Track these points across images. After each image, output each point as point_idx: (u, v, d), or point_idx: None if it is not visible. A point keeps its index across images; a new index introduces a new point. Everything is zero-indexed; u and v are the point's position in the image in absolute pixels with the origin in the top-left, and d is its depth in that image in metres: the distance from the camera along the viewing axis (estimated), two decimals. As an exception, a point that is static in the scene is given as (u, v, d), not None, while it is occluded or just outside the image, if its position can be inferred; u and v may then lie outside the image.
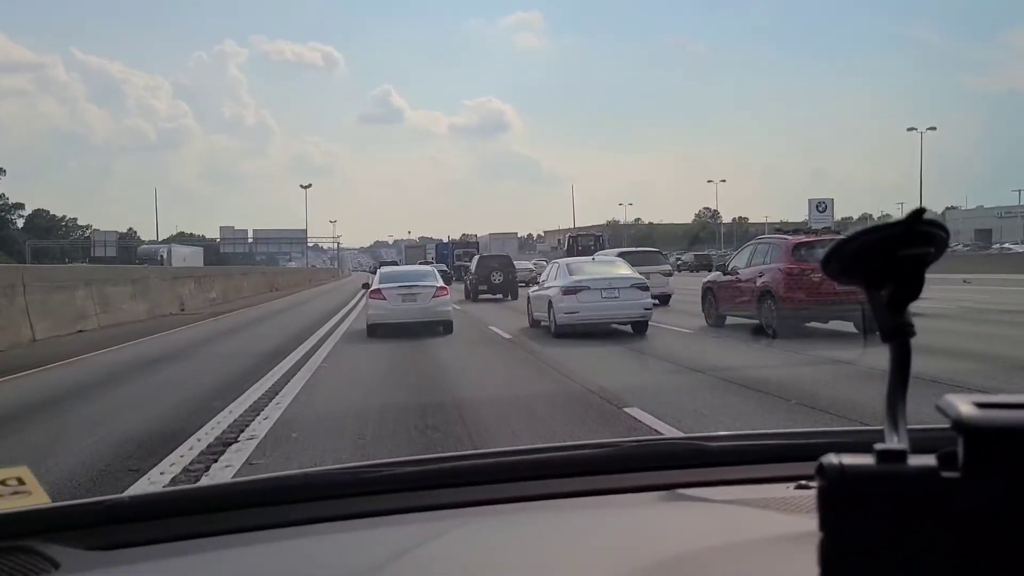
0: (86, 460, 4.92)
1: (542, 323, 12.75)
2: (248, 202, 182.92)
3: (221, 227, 77.32)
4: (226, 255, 74.12)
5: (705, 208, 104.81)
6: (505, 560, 0.88)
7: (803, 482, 0.99)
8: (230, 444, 5.31)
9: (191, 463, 4.82)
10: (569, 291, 11.75)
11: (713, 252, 50.88)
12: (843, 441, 0.89)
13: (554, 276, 12.85)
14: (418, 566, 0.85)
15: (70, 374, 9.54)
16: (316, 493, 1.05)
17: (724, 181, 63.32)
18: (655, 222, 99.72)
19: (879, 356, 0.59)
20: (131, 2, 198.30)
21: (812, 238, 12.25)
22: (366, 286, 15.66)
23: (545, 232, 76.16)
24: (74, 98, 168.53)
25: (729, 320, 13.03)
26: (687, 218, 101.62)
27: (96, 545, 0.92)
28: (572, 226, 67.96)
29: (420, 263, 24.25)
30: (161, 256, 55.47)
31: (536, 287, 14.26)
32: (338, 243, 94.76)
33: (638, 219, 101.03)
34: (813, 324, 11.54)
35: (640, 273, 13.41)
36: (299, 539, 0.94)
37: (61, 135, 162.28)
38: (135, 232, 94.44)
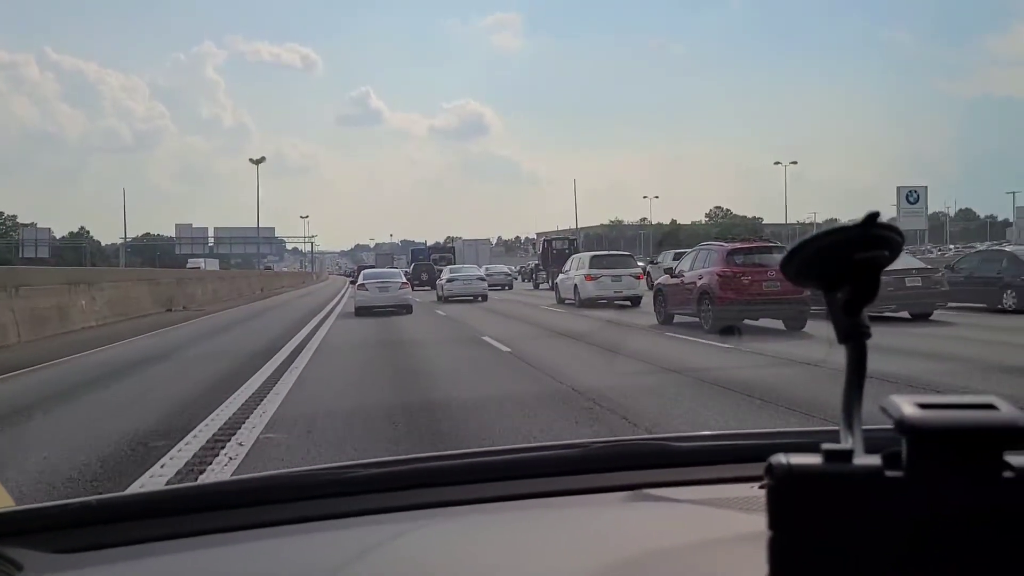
0: None
1: (441, 297, 28.21)
2: (223, 203, 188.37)
3: (177, 224, 74.17)
4: (184, 257, 75.12)
5: (717, 207, 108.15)
6: (471, 560, 0.96)
7: (765, 482, 1.04)
8: None
9: None
10: (449, 281, 28.47)
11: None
12: (804, 441, 0.94)
13: (444, 274, 29.54)
14: (383, 566, 0.94)
15: None
16: (286, 495, 1.14)
17: (795, 163, 64.90)
18: (681, 221, 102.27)
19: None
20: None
21: (746, 245, 14.97)
22: (353, 282, 31.16)
23: (537, 234, 78.54)
24: (46, 97, 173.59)
25: (677, 319, 15.50)
26: (665, 218, 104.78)
27: (62, 548, 0.98)
28: (575, 225, 70.46)
29: (388, 267, 34.03)
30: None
31: (439, 279, 30.29)
32: (312, 243, 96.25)
33: (644, 219, 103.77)
34: (746, 322, 13.96)
35: (613, 275, 22.04)
36: (268, 540, 1.03)
37: (32, 134, 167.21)
38: (87, 231, 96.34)
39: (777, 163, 62.54)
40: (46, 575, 0.93)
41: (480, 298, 27.45)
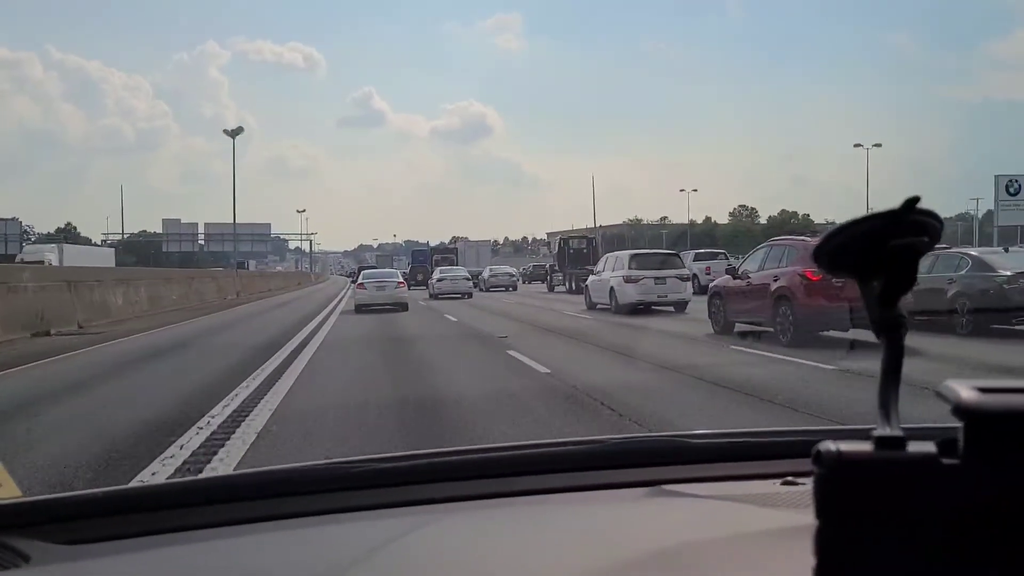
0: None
1: (432, 295, 32.64)
2: (225, 204, 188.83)
3: (164, 220, 71.97)
4: (170, 255, 73.20)
5: (741, 206, 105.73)
6: (486, 555, 0.95)
7: (790, 478, 1.09)
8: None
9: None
10: (439, 280, 33.84)
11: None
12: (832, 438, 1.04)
13: (435, 275, 35.18)
14: (398, 560, 0.93)
15: None
16: (292, 488, 1.15)
17: (879, 145, 60.36)
18: (717, 220, 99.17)
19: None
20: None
21: None
22: (353, 282, 33.55)
23: (548, 234, 76.68)
24: (49, 97, 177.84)
25: (738, 327, 13.46)
26: (671, 218, 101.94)
27: (68, 539, 1.00)
28: (594, 224, 68.60)
29: (388, 268, 36.62)
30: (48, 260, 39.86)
31: (431, 279, 35.84)
32: (311, 240, 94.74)
33: (664, 217, 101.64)
34: (832, 333, 11.82)
35: (657, 277, 19.54)
36: (274, 534, 1.03)
37: (33, 134, 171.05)
38: (74, 228, 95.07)
39: (858, 145, 57.92)
40: (52, 566, 0.94)
41: (466, 295, 32.29)
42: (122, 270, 32.57)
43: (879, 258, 0.59)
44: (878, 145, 60.49)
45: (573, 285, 33.70)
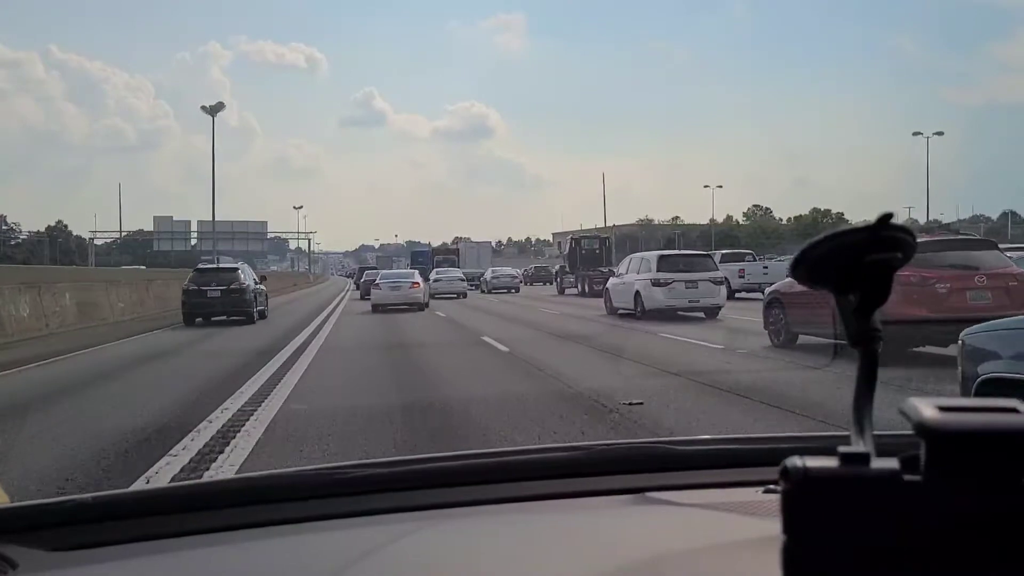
0: None
1: (432, 293, 30.94)
2: (225, 202, 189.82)
3: (155, 217, 69.06)
4: (165, 254, 71.41)
5: (755, 206, 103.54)
6: (472, 562, 0.96)
7: (771, 486, 1.06)
8: None
9: None
10: (435, 280, 35.08)
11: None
12: (811, 446, 0.97)
13: (432, 276, 36.01)
14: (383, 568, 0.94)
15: None
16: (286, 494, 1.15)
17: (941, 133, 56.07)
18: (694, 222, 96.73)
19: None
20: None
21: (936, 238, 10.71)
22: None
23: (554, 234, 74.90)
24: (50, 96, 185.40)
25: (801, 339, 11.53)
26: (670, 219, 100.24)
27: (58, 546, 0.99)
28: (604, 223, 66.87)
29: (387, 268, 38.25)
30: None
31: (430, 280, 34.06)
32: (309, 239, 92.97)
33: (676, 218, 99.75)
34: (926, 348, 9.74)
35: (688, 280, 17.77)
36: (268, 540, 1.03)
37: (34, 133, 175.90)
38: (65, 226, 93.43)
39: (917, 133, 55.38)
40: (41, 573, 0.94)
41: (461, 295, 33.89)
42: (41, 270, 25.39)
43: (855, 272, 0.61)
44: (940, 133, 57.88)
45: (586, 288, 31.83)
